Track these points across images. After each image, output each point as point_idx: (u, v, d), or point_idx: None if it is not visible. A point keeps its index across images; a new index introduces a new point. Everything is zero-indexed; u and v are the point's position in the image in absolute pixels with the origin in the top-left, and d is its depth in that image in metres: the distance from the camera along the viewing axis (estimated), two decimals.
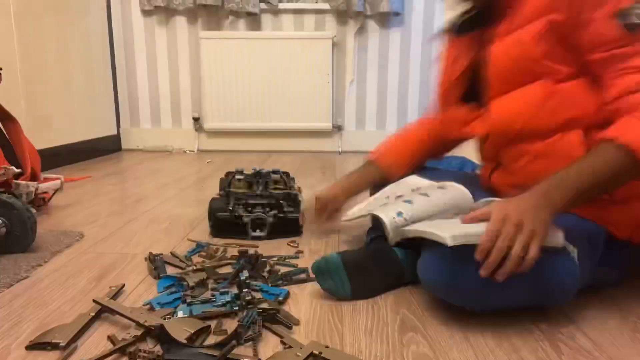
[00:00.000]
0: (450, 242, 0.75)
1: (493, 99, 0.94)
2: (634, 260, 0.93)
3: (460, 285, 0.78)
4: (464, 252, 0.76)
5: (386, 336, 0.77)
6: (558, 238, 0.78)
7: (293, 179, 1.56)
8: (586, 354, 0.72)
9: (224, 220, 1.27)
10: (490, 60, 0.92)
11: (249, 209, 1.28)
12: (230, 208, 1.28)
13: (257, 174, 1.41)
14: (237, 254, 1.08)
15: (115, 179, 2.11)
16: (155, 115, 3.05)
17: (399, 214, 0.99)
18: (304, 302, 0.89)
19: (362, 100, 2.98)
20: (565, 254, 0.79)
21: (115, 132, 2.99)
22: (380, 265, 0.92)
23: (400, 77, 2.95)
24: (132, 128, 3.06)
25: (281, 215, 1.27)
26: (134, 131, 3.06)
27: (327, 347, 0.70)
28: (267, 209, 1.28)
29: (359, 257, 0.91)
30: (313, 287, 0.95)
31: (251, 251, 1.11)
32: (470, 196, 1.03)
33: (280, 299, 0.88)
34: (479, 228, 0.78)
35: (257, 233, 1.25)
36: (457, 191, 1.04)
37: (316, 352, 0.68)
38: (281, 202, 1.29)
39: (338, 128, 2.97)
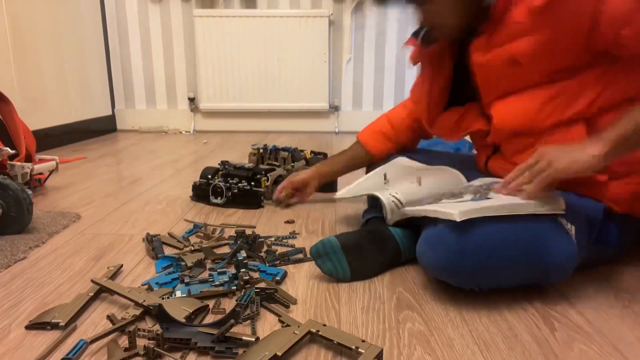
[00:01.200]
0: (458, 218, 0.75)
1: (489, 102, 0.94)
2: (631, 237, 0.94)
3: (460, 267, 0.78)
4: (463, 234, 0.77)
5: (382, 314, 0.78)
6: (559, 204, 0.79)
7: (300, 158, 1.65)
8: (579, 330, 0.73)
9: (199, 186, 1.41)
10: (477, 74, 0.93)
11: (228, 179, 1.41)
12: (209, 176, 1.42)
13: (265, 150, 1.64)
14: (234, 234, 1.08)
15: (110, 160, 2.10)
16: (150, 96, 3.02)
17: (396, 195, 0.99)
18: (301, 281, 0.90)
19: (359, 80, 2.96)
20: (563, 232, 0.80)
21: (110, 113, 2.96)
22: (377, 246, 0.93)
23: (398, 56, 2.92)
24: (127, 109, 3.03)
25: (247, 187, 1.36)
26: (129, 112, 3.03)
27: (324, 325, 0.71)
28: (241, 181, 1.39)
29: (356, 239, 0.92)
30: (310, 266, 0.96)
31: (248, 232, 1.11)
32: (465, 179, 1.04)
33: (278, 278, 0.89)
34: (486, 203, 0.79)
35: (217, 200, 1.36)
36: (451, 175, 1.05)
37: (314, 330, 0.69)
38: (258, 176, 1.40)
39: (335, 108, 2.95)
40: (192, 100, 2.95)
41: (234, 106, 2.92)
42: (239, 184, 1.37)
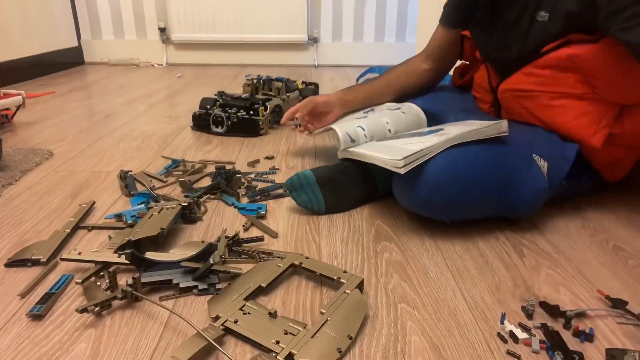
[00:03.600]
0: (402, 167, 0.78)
1: None
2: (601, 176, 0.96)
3: (434, 201, 0.80)
4: (439, 170, 0.78)
5: (361, 245, 0.80)
6: (502, 126, 0.83)
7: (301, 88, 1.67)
8: (546, 256, 0.77)
9: (199, 116, 1.44)
10: None
11: (227, 108, 1.43)
12: (208, 107, 1.46)
13: (259, 80, 1.65)
14: (215, 169, 1.07)
15: (80, 95, 2.01)
16: (117, 25, 2.85)
17: (360, 127, 1.01)
18: (281, 216, 0.91)
19: (339, 9, 2.83)
20: (536, 167, 0.82)
21: (76, 44, 2.79)
22: (352, 179, 0.94)
23: None
24: (94, 40, 2.86)
25: (246, 116, 1.40)
26: (96, 43, 2.87)
27: (307, 257, 0.73)
28: (240, 110, 1.42)
29: (332, 172, 0.92)
30: (290, 202, 0.97)
31: (228, 167, 1.11)
32: (425, 118, 1.05)
33: (262, 212, 0.90)
34: (423, 145, 0.81)
35: (218, 129, 1.41)
36: (412, 111, 1.06)
37: (297, 262, 0.71)
38: (255, 106, 1.43)
39: (314, 40, 2.85)
40: (162, 30, 2.80)
41: (207, 37, 2.79)
42: (238, 114, 1.40)
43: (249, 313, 0.61)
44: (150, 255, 0.71)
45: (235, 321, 0.59)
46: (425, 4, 2.27)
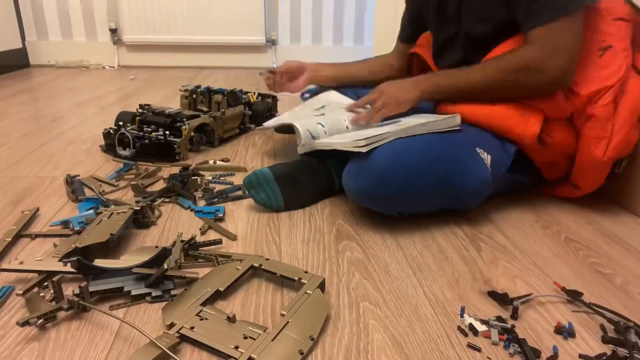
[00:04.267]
0: (364, 148, 0.81)
1: None
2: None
3: (381, 194, 0.81)
4: (385, 163, 0.79)
5: (322, 245, 0.79)
6: (455, 120, 0.87)
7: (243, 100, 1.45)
8: (502, 249, 0.79)
9: (108, 134, 1.21)
10: None
11: (144, 126, 1.21)
12: (121, 123, 1.22)
13: (192, 92, 1.40)
14: (168, 174, 1.03)
15: (25, 98, 1.90)
16: (65, 26, 2.72)
17: (320, 124, 1.01)
18: (240, 218, 0.89)
19: (297, 11, 2.83)
20: (480, 160, 0.84)
21: (20, 46, 2.65)
22: (310, 176, 0.94)
23: None
24: (40, 41, 2.72)
25: (161, 137, 1.16)
26: (43, 44, 2.73)
27: (267, 259, 0.71)
28: (157, 129, 1.19)
29: (289, 169, 0.92)
30: (249, 203, 0.95)
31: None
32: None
33: (220, 215, 0.87)
34: (384, 129, 0.84)
35: (125, 152, 1.18)
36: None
37: (256, 264, 0.69)
38: (178, 124, 1.20)
39: (272, 42, 2.83)
40: (113, 31, 2.70)
41: (161, 38, 2.71)
42: (153, 133, 1.17)
43: (206, 319, 0.58)
44: (99, 262, 0.67)
45: (192, 328, 0.56)
46: (380, 9, 2.30)
